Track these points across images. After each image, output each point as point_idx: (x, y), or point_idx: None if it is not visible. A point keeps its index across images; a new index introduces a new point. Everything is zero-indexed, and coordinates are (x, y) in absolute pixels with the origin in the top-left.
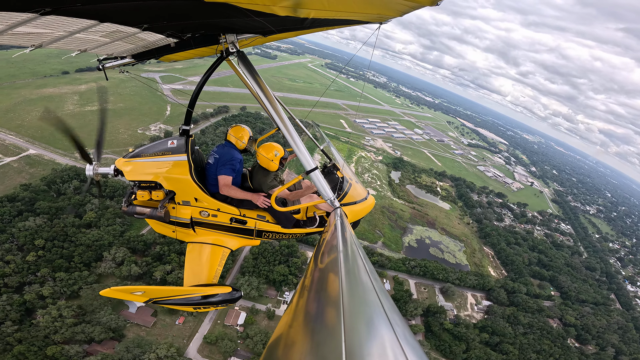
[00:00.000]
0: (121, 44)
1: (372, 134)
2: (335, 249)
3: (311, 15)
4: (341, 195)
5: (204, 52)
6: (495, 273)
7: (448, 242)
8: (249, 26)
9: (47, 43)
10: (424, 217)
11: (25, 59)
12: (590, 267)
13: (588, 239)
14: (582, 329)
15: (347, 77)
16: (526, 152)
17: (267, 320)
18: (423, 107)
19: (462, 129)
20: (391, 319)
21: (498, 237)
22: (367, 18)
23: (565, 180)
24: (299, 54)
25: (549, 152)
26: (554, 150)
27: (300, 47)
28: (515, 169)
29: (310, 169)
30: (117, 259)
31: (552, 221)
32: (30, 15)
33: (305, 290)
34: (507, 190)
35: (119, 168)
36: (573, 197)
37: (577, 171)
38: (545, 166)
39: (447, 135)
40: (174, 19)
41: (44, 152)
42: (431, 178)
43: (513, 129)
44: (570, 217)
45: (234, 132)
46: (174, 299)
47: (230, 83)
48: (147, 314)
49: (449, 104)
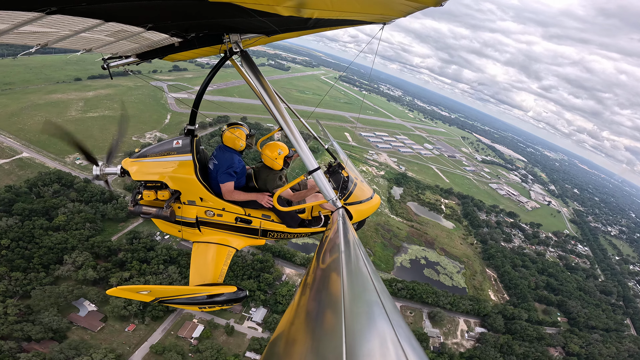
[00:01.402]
0: (126, 43)
1: (376, 148)
2: (337, 249)
3: (315, 15)
4: (346, 194)
5: (207, 52)
6: (496, 297)
7: (446, 263)
8: (253, 26)
9: (52, 42)
10: (422, 236)
11: (44, 65)
12: (606, 291)
13: (607, 261)
14: (587, 358)
15: (359, 90)
16: (546, 169)
17: (225, 336)
18: (437, 121)
19: (477, 145)
20: (392, 319)
21: (503, 259)
22: (371, 18)
23: (586, 199)
24: (314, 66)
25: (572, 170)
26: (577, 168)
27: (316, 59)
28: (532, 187)
29: (313, 168)
30: (77, 262)
31: (568, 242)
32: (36, 15)
33: (308, 288)
34: (521, 210)
35: (125, 168)
36: (594, 217)
37: (601, 190)
38: (565, 184)
39: (459, 151)
40: (178, 18)
41: (36, 156)
42: (436, 195)
43: (534, 145)
44: (589, 238)
45: (230, 133)
46: (180, 298)
47: (237, 93)
48: (95, 318)
49: (466, 119)
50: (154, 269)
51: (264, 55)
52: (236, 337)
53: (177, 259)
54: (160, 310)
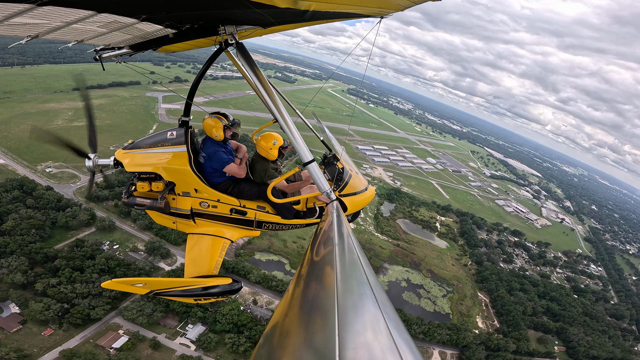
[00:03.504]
0: (119, 35)
1: (372, 162)
2: (331, 242)
3: (312, 7)
4: (341, 185)
5: (202, 44)
6: (484, 324)
7: (431, 286)
8: (249, 17)
9: (43, 34)
10: (408, 257)
11: (49, 75)
12: (618, 315)
13: (622, 282)
14: None
15: (366, 103)
16: (562, 185)
17: (150, 350)
18: (446, 135)
19: (488, 159)
20: (385, 312)
21: (497, 282)
22: (369, 12)
23: (605, 216)
24: (323, 79)
25: (591, 186)
26: (597, 184)
27: (327, 72)
28: (545, 204)
29: (308, 160)
30: (11, 266)
31: (579, 262)
32: (27, 6)
33: (302, 279)
34: (529, 228)
35: (119, 159)
36: (612, 235)
37: (621, 207)
38: (583, 201)
39: (466, 166)
40: (173, 9)
41: (11, 163)
42: (432, 212)
43: (552, 160)
44: (604, 257)
45: (206, 123)
46: (175, 290)
47: (233, 105)
48: (14, 320)
49: (479, 132)
50: (87, 277)
51: (272, 68)
52: (163, 352)
53: (114, 269)
54: (80, 318)
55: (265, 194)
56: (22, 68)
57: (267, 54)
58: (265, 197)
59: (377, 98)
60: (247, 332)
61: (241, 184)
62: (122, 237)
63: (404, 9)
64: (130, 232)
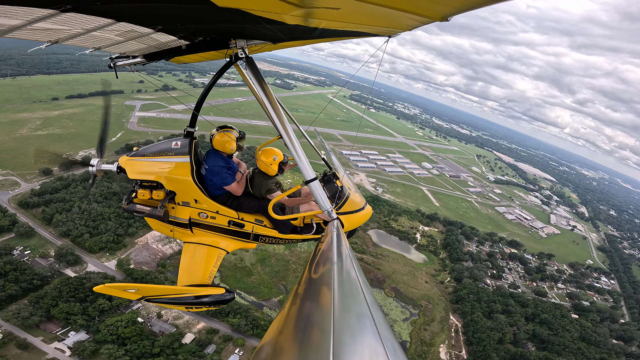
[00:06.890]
0: (134, 44)
1: (355, 167)
2: (330, 261)
3: (321, 25)
4: (339, 203)
5: (213, 56)
6: (447, 356)
7: (392, 308)
8: (259, 33)
9: (63, 39)
10: (370, 272)
11: (36, 86)
12: (625, 337)
13: (637, 297)
14: None
15: (367, 108)
16: (578, 189)
17: (18, 350)
18: (452, 139)
19: (495, 164)
20: (381, 333)
21: (474, 303)
22: (376, 31)
23: (624, 222)
24: (328, 85)
25: (611, 190)
26: (619, 188)
27: (335, 79)
28: (555, 210)
29: (310, 178)
30: None
31: (587, 276)
32: (51, 12)
33: (298, 297)
34: (531, 237)
35: (122, 166)
36: (630, 242)
37: None
38: (600, 206)
39: (468, 171)
40: (187, 21)
41: None
42: (414, 221)
43: (570, 164)
44: (619, 268)
45: (220, 137)
46: (167, 297)
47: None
48: None
49: (490, 137)
50: None
51: (273, 75)
52: (32, 354)
53: (8, 273)
54: None
55: (264, 208)
56: (13, 79)
57: (276, 63)
58: (265, 212)
59: (381, 103)
60: (130, 345)
61: (241, 198)
62: (39, 243)
63: (412, 29)
64: (47, 239)
